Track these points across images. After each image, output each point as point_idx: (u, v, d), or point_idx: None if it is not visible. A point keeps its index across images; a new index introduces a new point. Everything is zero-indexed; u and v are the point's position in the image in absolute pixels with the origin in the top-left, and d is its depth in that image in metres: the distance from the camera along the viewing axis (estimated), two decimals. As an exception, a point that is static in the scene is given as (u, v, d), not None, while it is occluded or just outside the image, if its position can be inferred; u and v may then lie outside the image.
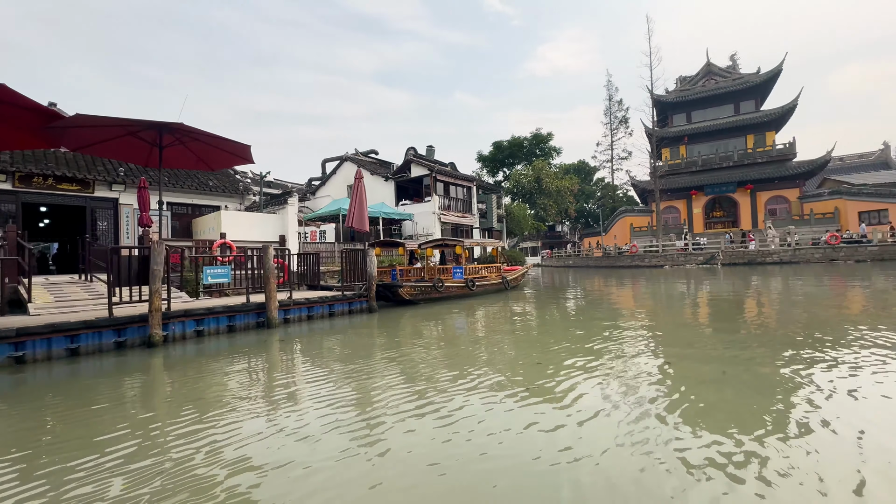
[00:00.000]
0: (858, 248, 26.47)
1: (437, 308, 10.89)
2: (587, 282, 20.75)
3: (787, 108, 36.49)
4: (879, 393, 3.61)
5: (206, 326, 7.39)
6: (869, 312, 7.89)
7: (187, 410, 3.79)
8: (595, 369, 4.67)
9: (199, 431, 3.27)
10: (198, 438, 3.13)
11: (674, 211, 40.80)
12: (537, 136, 43.13)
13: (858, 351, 5.00)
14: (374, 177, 24.85)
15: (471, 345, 6.38)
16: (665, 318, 8.52)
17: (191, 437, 3.16)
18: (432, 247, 13.25)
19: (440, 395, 3.95)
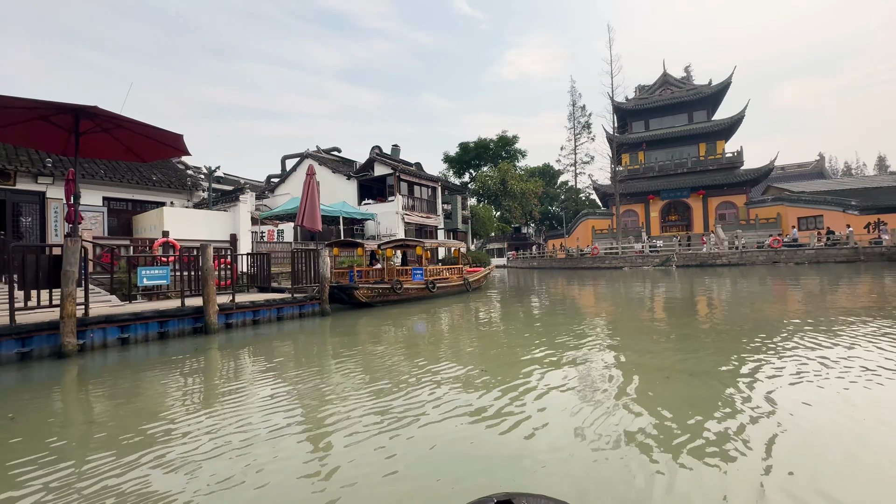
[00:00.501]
0: (797, 251, 28.33)
1: (394, 311, 10.52)
2: (549, 283, 20.97)
3: (736, 118, 38.68)
4: (799, 387, 3.64)
5: (133, 333, 6.69)
6: (804, 312, 8.26)
7: (66, 439, 3.27)
8: (547, 372, 4.50)
9: (82, 467, 2.79)
10: (83, 477, 2.66)
11: (633, 214, 42.29)
12: (503, 138, 43.52)
13: (790, 345, 5.12)
14: (336, 175, 24.11)
15: (424, 350, 6.09)
16: (621, 320, 8.57)
17: (70, 479, 2.67)
18: (392, 247, 12.86)
19: (393, 404, 3.63)
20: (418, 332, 7.72)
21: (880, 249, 26.62)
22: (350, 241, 13.51)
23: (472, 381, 4.35)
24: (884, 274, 17.68)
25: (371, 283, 11.47)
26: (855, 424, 3.02)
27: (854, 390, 3.71)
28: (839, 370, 4.28)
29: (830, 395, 3.65)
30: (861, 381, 3.93)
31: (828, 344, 5.42)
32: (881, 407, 3.34)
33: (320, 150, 26.39)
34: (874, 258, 26.33)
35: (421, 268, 12.41)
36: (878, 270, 20.00)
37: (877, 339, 5.57)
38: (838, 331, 6.20)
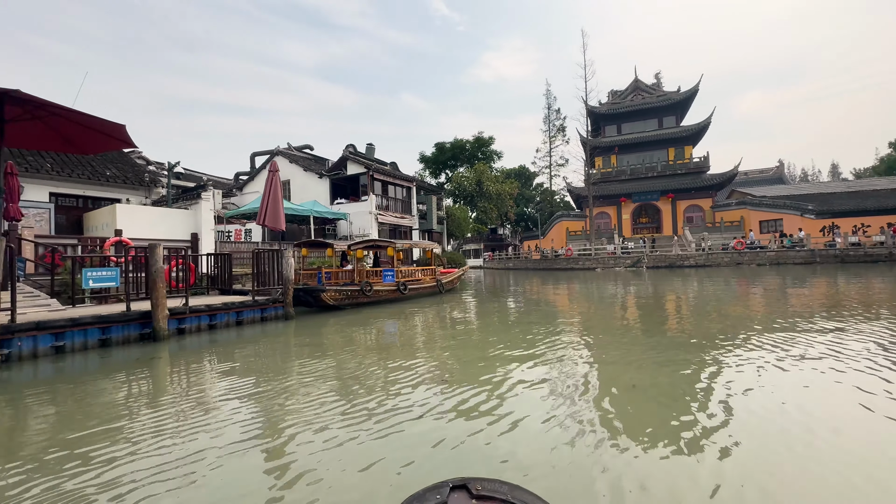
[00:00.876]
0: (759, 253, 29.54)
1: (363, 314, 10.18)
2: (524, 284, 21.02)
3: (703, 124, 40.05)
4: (763, 381, 3.61)
5: (69, 341, 6.11)
6: (764, 311, 8.46)
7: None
8: (515, 373, 4.32)
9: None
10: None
11: (605, 216, 43.15)
12: (479, 139, 43.58)
13: (751, 344, 5.15)
14: (308, 173, 23.45)
15: (391, 354, 5.81)
16: (592, 322, 8.53)
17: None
18: (363, 248, 12.49)
19: (356, 411, 3.35)
20: (386, 336, 7.43)
21: (834, 252, 28.06)
22: (319, 242, 13.05)
23: (438, 385, 4.12)
24: (837, 275, 18.56)
25: (339, 286, 11.07)
26: (805, 430, 3.02)
27: (806, 392, 3.79)
28: (791, 368, 4.38)
29: (782, 391, 3.80)
30: (814, 383, 4.00)
31: (783, 343, 5.49)
32: (831, 406, 3.44)
33: (291, 148, 25.61)
34: (829, 260, 27.72)
35: (392, 269, 12.09)
36: (831, 272, 21.01)
37: (828, 339, 5.68)
38: (793, 331, 6.31)
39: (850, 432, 2.97)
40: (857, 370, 4.32)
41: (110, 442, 3.11)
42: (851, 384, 3.91)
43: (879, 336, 5.83)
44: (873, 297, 10.36)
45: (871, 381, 3.94)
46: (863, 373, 4.22)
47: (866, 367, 4.42)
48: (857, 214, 32.11)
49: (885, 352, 4.99)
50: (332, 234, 21.90)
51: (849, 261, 27.23)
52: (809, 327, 6.65)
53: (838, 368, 4.40)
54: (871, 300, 9.65)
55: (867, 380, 4.00)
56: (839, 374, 4.23)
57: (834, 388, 3.87)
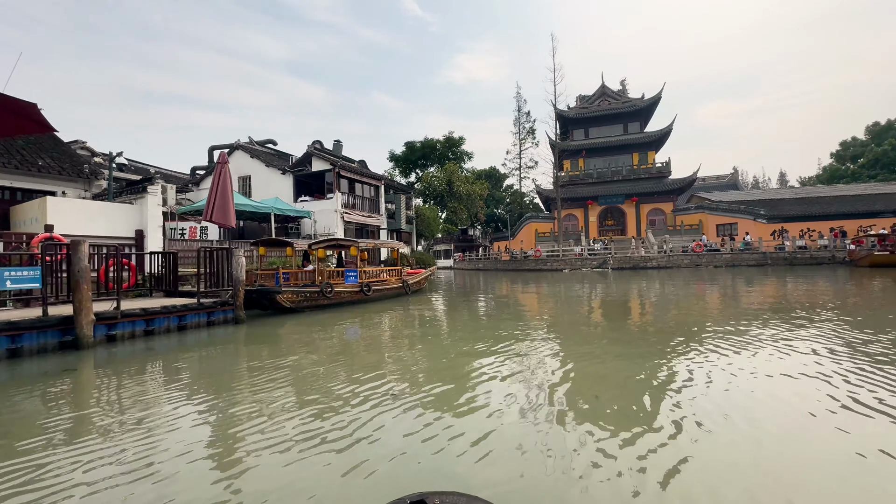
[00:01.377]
0: (716, 255, 30.84)
1: (323, 316, 9.63)
2: (493, 284, 20.91)
3: (665, 131, 41.53)
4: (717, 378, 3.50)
5: (-31, 351, 5.31)
6: (720, 311, 8.61)
7: None
8: (479, 377, 4.00)
9: None
10: None
11: (573, 218, 43.95)
12: (450, 139, 43.36)
13: (704, 337, 5.11)
14: (270, 169, 22.42)
15: (349, 360, 5.37)
16: (558, 322, 8.38)
17: None
18: (325, 247, 11.90)
19: (313, 430, 2.90)
20: (346, 341, 6.96)
21: (783, 254, 29.68)
22: (278, 240, 12.34)
23: (398, 395, 3.74)
24: (786, 276, 19.53)
25: (298, 287, 10.44)
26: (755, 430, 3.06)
27: (754, 390, 3.90)
28: (744, 363, 4.51)
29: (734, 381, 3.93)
30: (762, 380, 4.07)
31: (736, 341, 5.52)
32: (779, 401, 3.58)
33: (253, 142, 24.45)
34: (779, 262, 29.29)
35: (355, 269, 11.56)
36: (781, 273, 22.12)
37: (779, 335, 5.73)
38: (743, 329, 6.38)
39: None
40: (811, 367, 4.32)
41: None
42: (804, 379, 4.12)
43: (823, 333, 5.99)
44: (817, 297, 10.82)
45: (825, 380, 3.99)
46: (815, 371, 4.20)
47: (816, 363, 4.58)
48: (803, 219, 34.14)
49: (828, 348, 5.05)
50: (296, 232, 21.02)
51: (796, 263, 28.86)
52: (760, 325, 6.92)
53: (791, 363, 4.56)
54: (815, 301, 10.06)
55: (821, 378, 4.00)
56: (796, 366, 4.38)
57: (792, 380, 3.97)
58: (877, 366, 4.48)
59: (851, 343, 5.58)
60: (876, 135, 52.26)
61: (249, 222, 21.02)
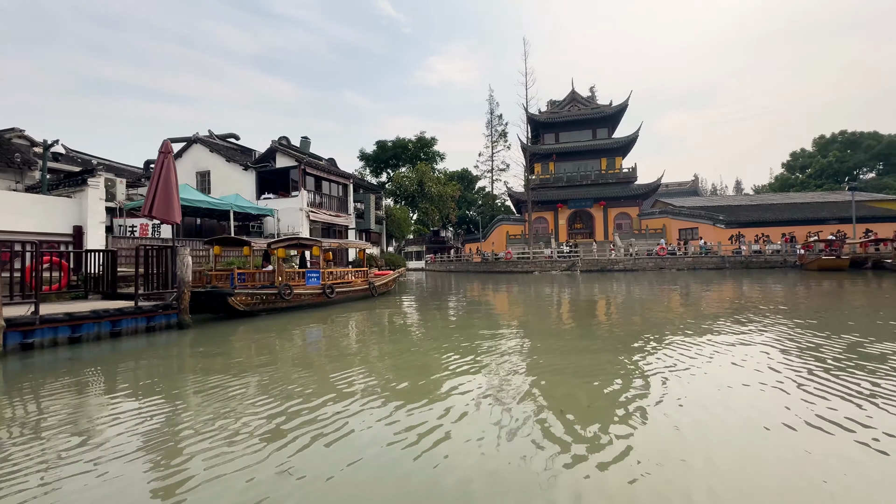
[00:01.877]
0: (678, 259, 31.91)
1: (281, 320, 9.03)
2: (464, 286, 20.69)
3: (631, 137, 42.75)
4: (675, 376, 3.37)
5: None
6: (682, 313, 8.69)
7: None
8: (444, 388, 3.66)
9: None
10: None
11: (543, 221, 44.50)
12: (422, 139, 42.95)
13: (667, 339, 5.02)
14: (231, 164, 21.32)
15: (306, 370, 4.90)
16: (528, 325, 8.17)
17: None
18: (285, 247, 11.25)
19: (260, 448, 2.44)
20: (303, 346, 6.46)
21: (740, 258, 31.06)
22: (235, 239, 11.59)
23: (353, 409, 3.34)
24: (742, 279, 20.34)
25: (255, 288, 9.77)
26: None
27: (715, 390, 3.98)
28: (703, 362, 4.73)
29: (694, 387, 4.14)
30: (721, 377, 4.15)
31: (696, 339, 5.52)
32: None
33: (213, 136, 23.20)
34: (736, 265, 30.60)
35: (317, 270, 10.98)
36: (738, 276, 23.06)
37: (734, 333, 5.73)
38: (704, 331, 6.40)
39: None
40: (766, 373, 4.36)
41: None
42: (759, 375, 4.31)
43: (778, 335, 6.09)
44: (772, 299, 11.20)
45: (778, 386, 3.98)
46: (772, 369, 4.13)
47: (771, 368, 4.63)
48: (758, 225, 35.91)
49: (782, 350, 5.06)
50: (258, 231, 20.05)
51: (752, 266, 30.24)
52: (720, 327, 7.15)
53: (746, 369, 4.61)
54: (770, 302, 10.38)
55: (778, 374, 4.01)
56: (751, 373, 4.39)
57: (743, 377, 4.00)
58: (831, 372, 4.49)
59: (806, 346, 5.71)
60: (822, 147, 55.91)
61: (207, 220, 19.88)
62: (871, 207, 35.59)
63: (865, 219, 33.47)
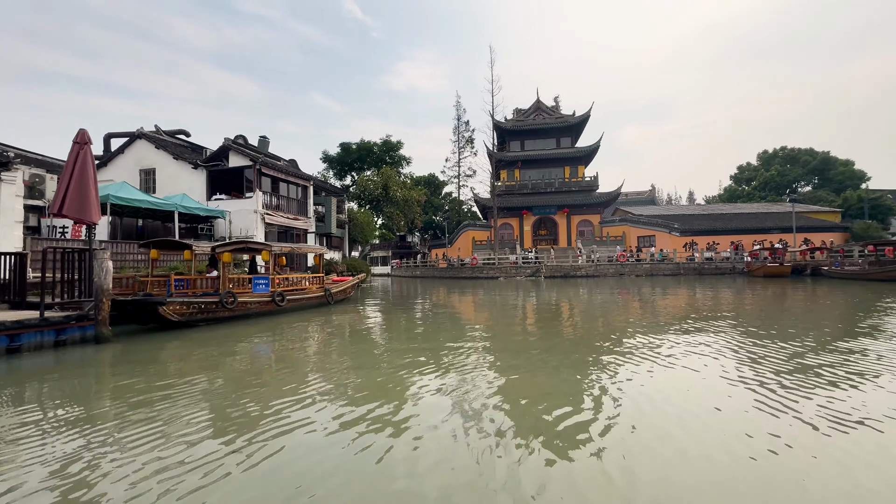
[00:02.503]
0: (637, 265, 32.92)
1: (222, 332, 8.24)
2: (429, 292, 20.28)
3: (594, 147, 44.01)
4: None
5: None
6: (640, 319, 8.69)
7: None
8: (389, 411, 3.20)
9: None
10: None
11: (509, 227, 44.89)
12: (387, 142, 42.24)
13: (627, 343, 4.86)
14: (179, 162, 19.93)
15: (244, 391, 4.28)
16: (492, 333, 7.84)
17: None
18: (232, 250, 10.40)
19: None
20: (241, 363, 5.79)
21: (694, 265, 32.44)
22: (175, 242, 10.60)
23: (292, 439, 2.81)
24: (696, 285, 21.13)
25: (190, 297, 8.88)
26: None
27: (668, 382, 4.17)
28: (660, 365, 4.95)
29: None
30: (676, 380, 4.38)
31: (654, 342, 5.72)
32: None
33: (160, 131, 21.65)
34: (690, 272, 31.91)
35: (265, 277, 10.20)
36: (692, 282, 23.98)
37: (689, 337, 5.66)
38: (662, 332, 6.32)
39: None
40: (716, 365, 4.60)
41: None
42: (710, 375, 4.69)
43: (727, 333, 6.20)
44: (723, 304, 11.53)
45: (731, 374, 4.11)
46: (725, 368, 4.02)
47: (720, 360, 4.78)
48: (710, 233, 37.74)
49: (730, 347, 5.03)
50: (208, 234, 18.78)
51: (705, 273, 31.64)
52: (675, 332, 7.30)
53: (700, 372, 4.75)
54: (720, 307, 10.64)
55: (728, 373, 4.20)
56: (707, 377, 4.54)
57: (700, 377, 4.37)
58: (783, 375, 4.45)
59: (755, 351, 5.91)
60: (765, 161, 59.88)
61: (151, 222, 18.44)
62: (808, 218, 38.31)
63: (804, 228, 35.93)
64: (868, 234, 35.69)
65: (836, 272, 23.23)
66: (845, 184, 50.11)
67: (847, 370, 4.79)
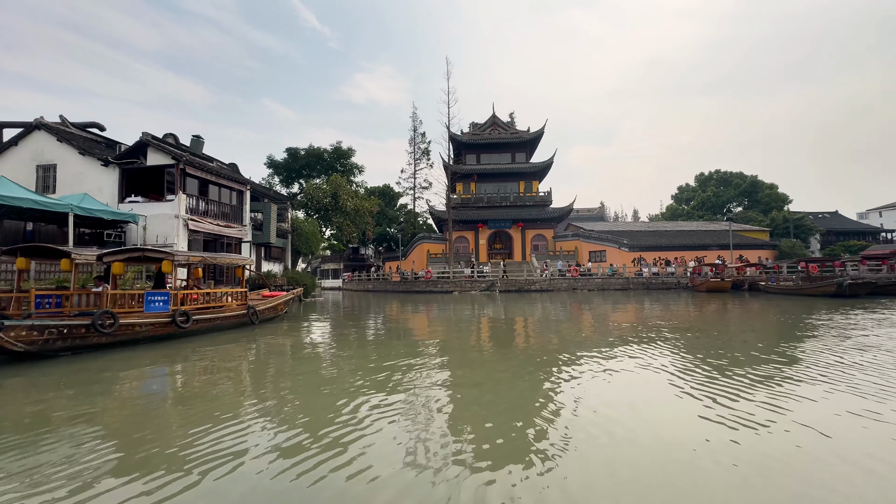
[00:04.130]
0: (589, 279, 33.25)
1: (94, 365, 6.41)
2: (379, 307, 18.80)
3: (547, 163, 44.73)
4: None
5: None
6: (595, 334, 7.92)
7: None
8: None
9: None
10: None
11: (464, 241, 44.28)
12: (338, 149, 40.34)
13: (578, 358, 3.94)
14: (87, 159, 17.26)
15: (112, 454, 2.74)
16: (445, 357, 6.64)
17: None
18: (124, 259, 8.52)
19: None
20: (111, 409, 4.16)
21: (642, 280, 33.26)
22: (49, 249, 8.54)
23: None
24: (645, 299, 21.25)
25: (48, 320, 6.93)
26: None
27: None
28: (612, 376, 4.95)
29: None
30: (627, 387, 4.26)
31: (606, 356, 5.86)
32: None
33: (67, 123, 18.79)
34: (639, 287, 32.64)
35: (164, 292, 8.38)
36: (640, 296, 24.25)
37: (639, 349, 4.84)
38: (612, 346, 5.94)
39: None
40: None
41: None
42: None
43: (675, 345, 5.54)
44: (673, 318, 11.15)
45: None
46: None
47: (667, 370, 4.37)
48: (656, 249, 39.15)
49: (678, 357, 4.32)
50: (118, 242, 16.22)
51: (652, 287, 32.48)
52: (626, 348, 7.24)
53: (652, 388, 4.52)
54: (668, 319, 10.19)
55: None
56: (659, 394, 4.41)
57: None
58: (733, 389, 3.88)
59: (707, 364, 6.11)
60: (702, 182, 64.15)
61: (45, 226, 15.65)
62: (742, 236, 40.87)
63: (739, 246, 38.16)
64: (794, 252, 38.57)
65: (773, 287, 24.37)
66: (771, 205, 54.47)
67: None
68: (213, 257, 10.02)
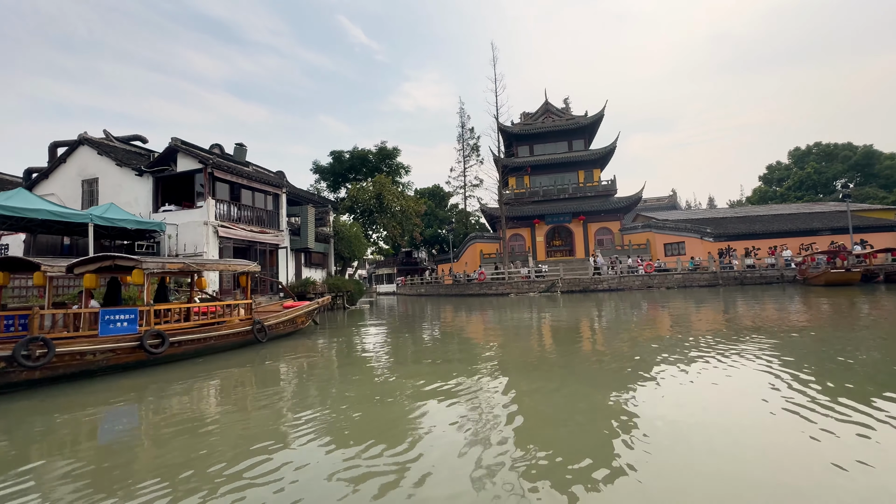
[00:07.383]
0: (668, 276, 28.71)
1: (19, 406, 4.80)
2: (427, 313, 16.82)
3: (609, 148, 40.26)
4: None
5: None
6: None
7: None
8: None
9: None
10: None
11: (520, 238, 41.13)
12: (382, 149, 39.13)
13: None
14: (123, 169, 17.02)
15: None
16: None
17: None
18: (94, 270, 7.08)
19: None
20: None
21: (734, 274, 28.08)
22: (24, 261, 7.30)
23: None
24: (743, 298, 17.05)
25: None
26: None
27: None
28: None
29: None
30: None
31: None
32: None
33: (110, 137, 18.88)
34: (730, 282, 27.56)
35: (131, 309, 6.75)
36: (735, 294, 19.84)
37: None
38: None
39: None
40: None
41: None
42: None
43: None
44: (793, 323, 7.57)
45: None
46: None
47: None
48: (747, 238, 33.32)
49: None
50: (153, 252, 15.65)
51: (747, 283, 27.25)
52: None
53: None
54: (795, 328, 6.70)
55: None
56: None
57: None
58: None
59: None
60: (797, 159, 55.08)
61: (79, 239, 15.40)
62: (861, 217, 33.52)
63: (859, 228, 31.21)
64: (938, 233, 30.81)
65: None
66: (893, 178, 45.08)
67: None
68: (199, 264, 8.37)
